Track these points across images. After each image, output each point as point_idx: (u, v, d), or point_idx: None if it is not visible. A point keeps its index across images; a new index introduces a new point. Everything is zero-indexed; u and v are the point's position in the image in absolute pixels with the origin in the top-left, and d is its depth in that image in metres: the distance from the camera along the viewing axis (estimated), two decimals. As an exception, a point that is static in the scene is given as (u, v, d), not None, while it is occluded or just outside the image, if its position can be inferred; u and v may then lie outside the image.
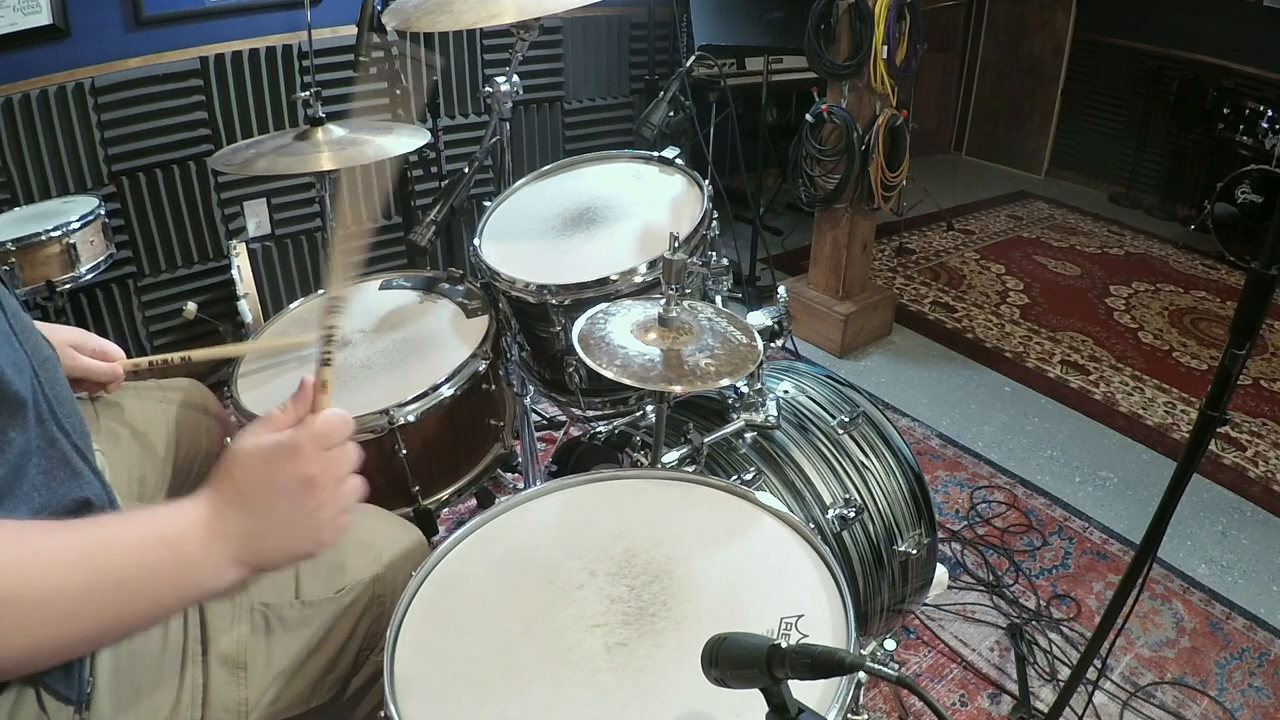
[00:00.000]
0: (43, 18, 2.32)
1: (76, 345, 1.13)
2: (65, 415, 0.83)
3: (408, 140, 1.82)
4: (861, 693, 0.88)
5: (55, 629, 0.63)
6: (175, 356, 1.31)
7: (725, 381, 1.11)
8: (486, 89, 1.69)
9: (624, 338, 1.17)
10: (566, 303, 1.43)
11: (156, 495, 1.17)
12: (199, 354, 1.40)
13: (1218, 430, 1.23)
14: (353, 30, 2.04)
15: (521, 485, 2.15)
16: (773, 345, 1.46)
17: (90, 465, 0.84)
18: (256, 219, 2.87)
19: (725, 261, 1.51)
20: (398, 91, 2.35)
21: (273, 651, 0.93)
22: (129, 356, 1.20)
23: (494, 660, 0.87)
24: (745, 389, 1.43)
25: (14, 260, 1.99)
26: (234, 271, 2.56)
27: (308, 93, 1.93)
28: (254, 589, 0.93)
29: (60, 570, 0.63)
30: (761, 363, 1.21)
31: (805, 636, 0.86)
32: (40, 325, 0.95)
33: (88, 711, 0.78)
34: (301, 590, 0.97)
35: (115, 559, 0.65)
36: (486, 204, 1.69)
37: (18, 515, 0.72)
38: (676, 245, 1.17)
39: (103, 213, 2.22)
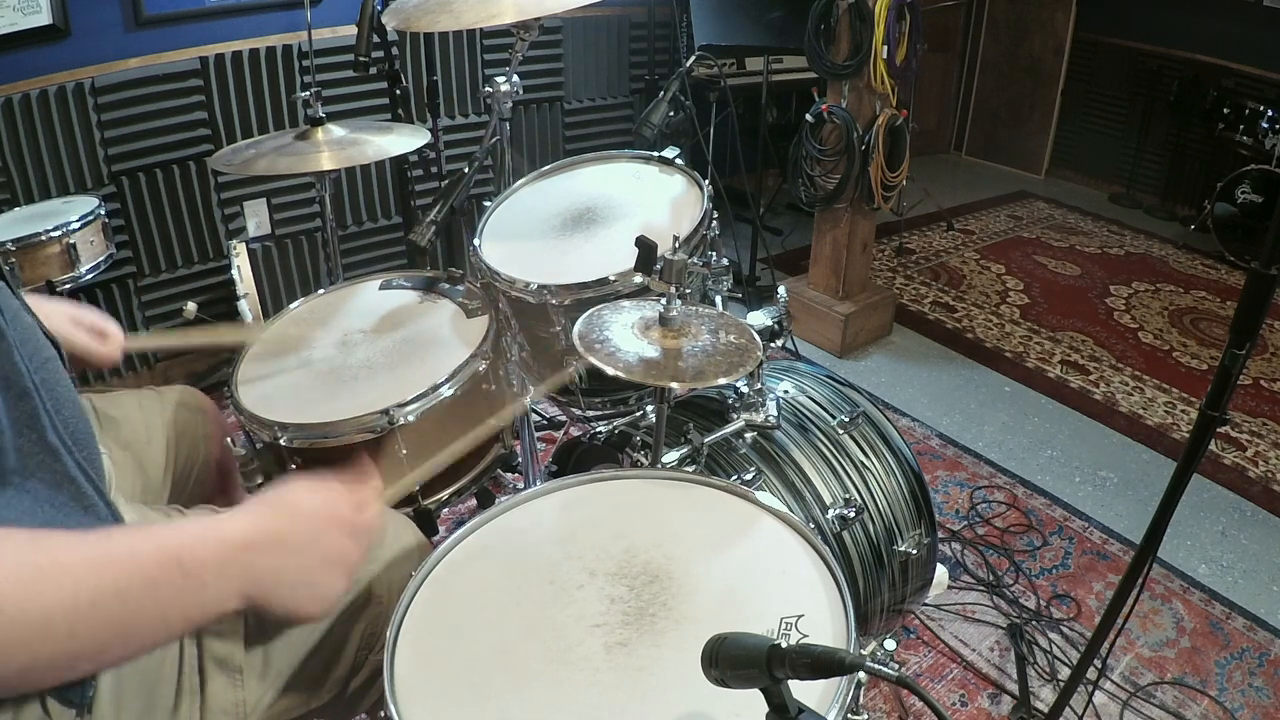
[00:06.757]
0: (43, 18, 2.32)
1: (74, 319, 1.12)
2: (66, 420, 0.80)
3: (408, 140, 1.82)
4: (861, 693, 0.88)
5: (56, 646, 0.61)
6: (174, 336, 1.28)
7: (725, 380, 1.11)
8: (486, 89, 1.69)
9: (624, 337, 1.17)
10: (566, 303, 1.42)
11: (156, 504, 1.16)
12: (198, 336, 1.38)
13: (1218, 430, 1.23)
14: (353, 30, 2.04)
15: (521, 485, 2.14)
16: (773, 345, 1.46)
17: (94, 482, 0.80)
18: (256, 219, 2.87)
19: (725, 261, 1.51)
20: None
21: (269, 654, 0.92)
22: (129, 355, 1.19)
23: (494, 660, 0.87)
24: (745, 389, 1.43)
25: (14, 260, 1.99)
26: (234, 271, 2.57)
27: (308, 93, 1.93)
28: None
29: (67, 586, 0.60)
30: (761, 363, 1.21)
31: (805, 636, 0.86)
32: (35, 298, 0.93)
33: (89, 716, 0.77)
34: None
35: (123, 577, 0.63)
36: (486, 204, 1.69)
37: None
38: (677, 245, 1.17)
39: (103, 213, 2.22)
